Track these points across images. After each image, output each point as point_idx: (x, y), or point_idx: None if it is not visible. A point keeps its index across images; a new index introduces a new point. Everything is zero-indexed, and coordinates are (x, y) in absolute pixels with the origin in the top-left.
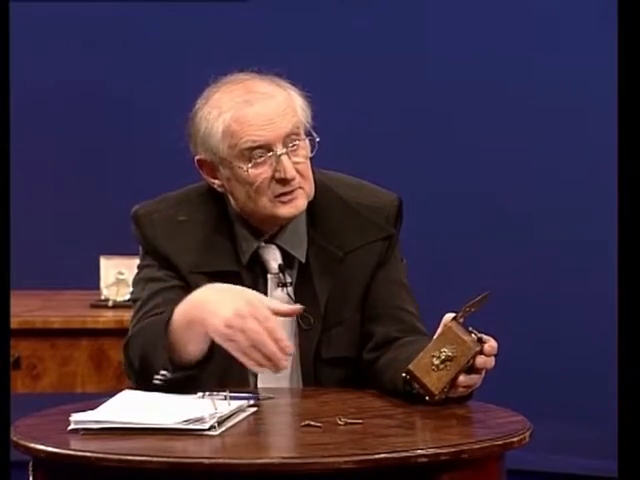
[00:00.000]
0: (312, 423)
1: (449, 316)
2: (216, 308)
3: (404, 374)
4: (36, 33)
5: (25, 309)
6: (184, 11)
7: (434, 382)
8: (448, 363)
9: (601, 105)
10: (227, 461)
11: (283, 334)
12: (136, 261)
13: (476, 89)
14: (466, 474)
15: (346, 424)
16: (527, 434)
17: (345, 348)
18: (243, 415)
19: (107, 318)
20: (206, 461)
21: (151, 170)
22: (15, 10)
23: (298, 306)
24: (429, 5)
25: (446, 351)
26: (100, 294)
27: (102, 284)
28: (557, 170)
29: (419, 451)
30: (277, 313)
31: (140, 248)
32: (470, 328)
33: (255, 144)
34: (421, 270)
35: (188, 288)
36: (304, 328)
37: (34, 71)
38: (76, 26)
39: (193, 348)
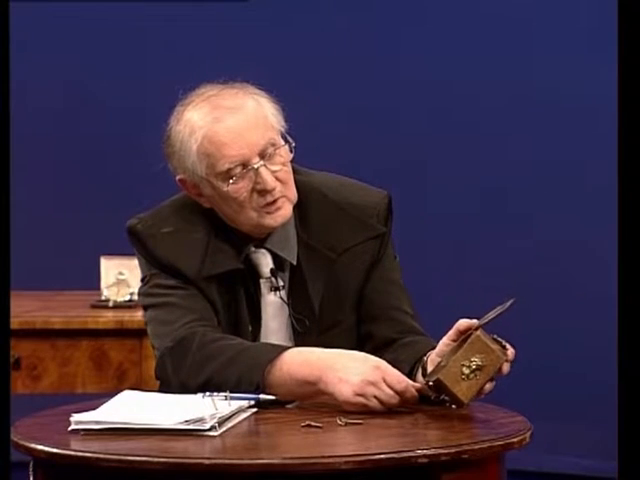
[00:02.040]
0: (312, 423)
1: (464, 322)
2: (344, 375)
3: (431, 383)
4: (36, 33)
5: (25, 309)
6: (184, 11)
7: (464, 391)
8: (478, 372)
9: (601, 106)
10: (227, 461)
11: (412, 392)
12: (136, 262)
13: (475, 89)
14: (466, 474)
15: (346, 424)
16: (527, 434)
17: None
18: (243, 416)
19: (107, 318)
20: (206, 461)
21: (151, 171)
22: (15, 10)
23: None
24: (429, 6)
25: (476, 360)
26: (100, 294)
27: (102, 284)
28: (557, 170)
29: (419, 451)
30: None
31: (140, 259)
32: (495, 336)
33: (233, 165)
34: (418, 268)
35: (202, 293)
36: (299, 331)
37: (34, 71)
38: (76, 27)
39: (289, 397)
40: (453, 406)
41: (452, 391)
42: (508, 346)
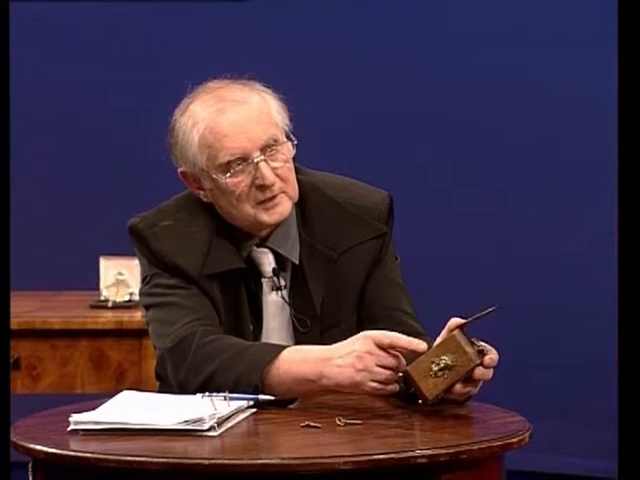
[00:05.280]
0: (312, 423)
1: (455, 321)
2: (341, 362)
3: (400, 374)
4: (36, 33)
5: (25, 310)
6: (184, 11)
7: (429, 388)
8: (446, 371)
9: (601, 106)
10: (226, 462)
11: (403, 338)
12: (136, 262)
13: (476, 90)
14: (465, 475)
15: (346, 424)
16: (527, 435)
17: None
18: (242, 416)
19: (106, 319)
20: (205, 462)
21: (151, 170)
22: (15, 10)
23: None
24: (430, 6)
25: (446, 359)
26: (100, 295)
27: (102, 285)
28: (557, 171)
29: (418, 452)
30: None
31: (142, 259)
32: (473, 339)
33: (233, 157)
34: (419, 269)
35: (204, 292)
36: (301, 331)
37: (34, 71)
38: (75, 27)
39: (289, 395)
40: (419, 401)
41: (418, 385)
42: (488, 349)
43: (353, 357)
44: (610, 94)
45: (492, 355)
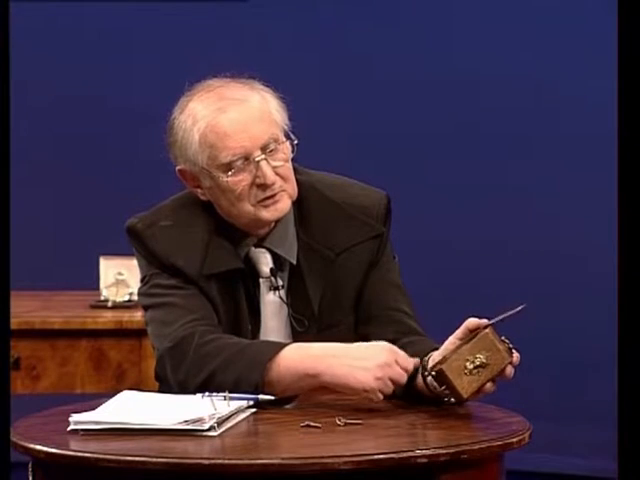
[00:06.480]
0: (311, 423)
1: (473, 320)
2: (357, 363)
3: (434, 373)
4: (36, 40)
5: (25, 310)
6: (184, 11)
7: (464, 386)
8: (480, 369)
9: (601, 106)
10: (226, 462)
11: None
12: (136, 262)
13: (476, 89)
14: (466, 474)
15: (346, 424)
16: (527, 434)
17: None
18: (242, 416)
19: (106, 319)
20: (205, 462)
21: (151, 171)
22: (15, 17)
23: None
24: (429, 5)
25: (481, 357)
26: (99, 295)
27: (102, 285)
28: (556, 171)
29: (418, 451)
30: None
31: (140, 259)
32: (503, 337)
33: (234, 157)
34: (417, 269)
35: (202, 292)
36: (299, 331)
37: (34, 71)
38: (76, 27)
39: (288, 392)
40: (452, 400)
41: (453, 384)
42: (514, 351)
43: (373, 364)
44: (610, 94)
45: (517, 354)
